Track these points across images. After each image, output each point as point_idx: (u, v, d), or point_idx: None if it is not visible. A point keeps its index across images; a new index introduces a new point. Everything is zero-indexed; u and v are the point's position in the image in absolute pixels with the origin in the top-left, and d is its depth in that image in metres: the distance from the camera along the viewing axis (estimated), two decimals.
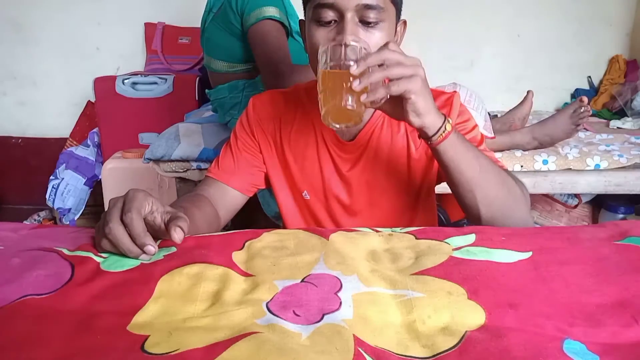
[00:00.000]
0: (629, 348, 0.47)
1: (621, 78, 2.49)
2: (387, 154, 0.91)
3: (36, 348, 0.45)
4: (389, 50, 0.67)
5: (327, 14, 0.76)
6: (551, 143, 1.52)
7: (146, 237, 0.60)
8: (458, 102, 0.91)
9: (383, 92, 0.67)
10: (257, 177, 0.95)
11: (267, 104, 0.95)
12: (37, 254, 0.61)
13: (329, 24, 0.77)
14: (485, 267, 0.59)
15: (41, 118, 2.74)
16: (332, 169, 0.93)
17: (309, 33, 0.79)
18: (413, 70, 0.67)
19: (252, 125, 0.94)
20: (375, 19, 0.76)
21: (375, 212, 0.95)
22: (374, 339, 0.48)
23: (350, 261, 0.60)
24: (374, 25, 0.76)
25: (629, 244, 0.65)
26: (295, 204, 0.97)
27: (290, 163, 0.94)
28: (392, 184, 0.93)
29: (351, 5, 0.74)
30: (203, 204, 0.86)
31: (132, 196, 0.63)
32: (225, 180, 0.91)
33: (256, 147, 0.94)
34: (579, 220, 2.01)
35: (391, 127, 0.91)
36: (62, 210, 2.34)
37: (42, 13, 2.60)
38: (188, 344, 0.45)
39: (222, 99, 1.57)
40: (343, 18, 0.75)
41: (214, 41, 1.51)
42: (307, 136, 0.93)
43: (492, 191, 0.78)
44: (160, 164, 1.60)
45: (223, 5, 1.43)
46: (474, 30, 2.55)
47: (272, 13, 1.37)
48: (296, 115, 0.94)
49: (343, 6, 0.74)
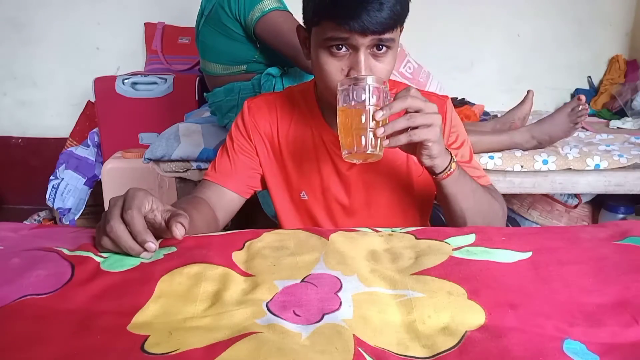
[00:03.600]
0: (629, 348, 0.47)
1: (621, 78, 2.49)
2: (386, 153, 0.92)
3: (36, 348, 0.45)
4: (411, 97, 0.71)
5: (339, 46, 0.77)
6: (550, 142, 1.52)
7: (147, 234, 0.61)
8: (451, 111, 0.94)
9: (404, 139, 0.72)
10: (254, 179, 0.96)
11: (262, 106, 0.95)
12: (37, 254, 0.61)
13: (339, 51, 0.77)
14: (485, 267, 0.59)
15: (41, 118, 2.73)
16: (331, 169, 0.94)
17: (319, 59, 0.79)
18: (432, 120, 0.72)
19: (248, 128, 0.94)
20: (386, 48, 0.77)
21: (373, 212, 0.95)
22: (374, 339, 0.48)
23: (350, 261, 0.60)
24: (385, 52, 0.78)
25: (629, 244, 0.65)
26: (293, 205, 0.98)
27: (288, 164, 0.94)
28: (391, 183, 0.94)
29: (366, 42, 0.75)
30: (201, 207, 0.86)
31: (133, 194, 0.63)
32: (222, 183, 0.92)
33: (252, 150, 0.95)
34: (579, 220, 2.01)
35: None
36: (62, 210, 2.34)
37: (42, 13, 2.60)
38: (188, 344, 0.45)
39: (219, 102, 1.57)
40: (356, 50, 0.76)
41: (208, 44, 1.51)
42: (305, 137, 0.93)
43: (479, 216, 0.85)
44: (160, 164, 1.60)
45: (214, 7, 1.43)
46: (474, 30, 2.55)
47: (272, 4, 1.37)
48: (292, 117, 0.94)
49: (358, 43, 0.75)
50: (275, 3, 1.38)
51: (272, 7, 1.37)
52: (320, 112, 0.93)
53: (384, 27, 0.74)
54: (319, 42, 0.78)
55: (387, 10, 0.72)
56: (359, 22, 0.72)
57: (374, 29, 0.73)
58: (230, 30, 1.43)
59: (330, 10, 0.74)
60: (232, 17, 1.40)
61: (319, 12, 0.76)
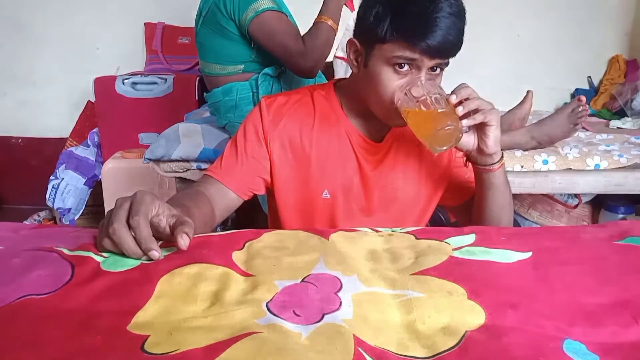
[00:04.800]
0: (629, 348, 0.47)
1: (621, 78, 2.49)
2: (410, 156, 0.96)
3: (36, 348, 0.45)
4: (468, 86, 0.80)
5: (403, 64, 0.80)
6: (550, 142, 1.52)
7: (152, 242, 0.60)
8: None
9: (480, 117, 0.80)
10: (258, 183, 0.95)
11: (283, 106, 0.94)
12: (37, 254, 0.61)
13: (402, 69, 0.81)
14: (486, 267, 0.59)
15: (41, 118, 2.74)
16: (355, 169, 0.95)
17: (381, 74, 0.82)
18: (491, 105, 0.81)
19: (266, 128, 0.92)
20: (440, 69, 0.83)
21: (390, 213, 0.98)
22: (374, 339, 0.48)
23: (351, 261, 0.60)
24: (439, 73, 0.84)
25: (629, 244, 0.65)
26: (311, 205, 0.97)
27: (312, 162, 0.94)
28: (411, 184, 0.97)
29: (431, 63, 0.80)
30: (202, 203, 0.85)
31: (141, 199, 0.62)
32: (226, 183, 0.91)
33: (265, 155, 0.93)
34: (579, 220, 2.01)
35: None
36: (62, 210, 2.34)
37: (42, 13, 2.60)
38: (188, 344, 0.45)
39: (217, 102, 1.58)
40: (419, 70, 0.81)
41: (206, 44, 1.52)
42: (330, 135, 0.94)
43: (509, 212, 0.93)
44: (160, 164, 1.60)
45: (211, 7, 1.44)
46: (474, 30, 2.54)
47: (266, 4, 1.38)
48: (316, 116, 0.94)
49: (424, 64, 0.80)
50: (269, 3, 1.39)
51: (266, 7, 1.37)
52: (344, 114, 0.94)
53: (453, 52, 0.80)
54: (384, 59, 0.81)
55: (456, 35, 0.78)
56: (433, 46, 0.76)
57: (445, 53, 0.79)
58: (226, 30, 1.43)
59: (405, 31, 0.78)
60: (228, 16, 1.41)
61: (392, 31, 0.79)
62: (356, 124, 0.94)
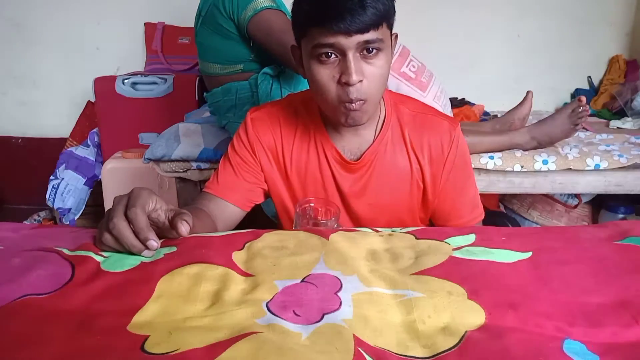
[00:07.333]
0: (629, 348, 0.47)
1: (621, 78, 2.49)
2: (389, 174, 0.93)
3: (36, 348, 0.45)
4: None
5: (328, 53, 0.76)
6: (550, 143, 1.52)
7: (149, 231, 0.61)
8: (459, 138, 0.92)
9: None
10: (256, 193, 0.95)
11: (265, 119, 0.94)
12: (37, 254, 0.61)
13: (329, 58, 0.77)
14: (486, 267, 0.59)
15: (41, 118, 2.73)
16: (333, 187, 0.94)
17: (311, 70, 0.79)
18: None
19: (252, 142, 0.93)
20: (376, 50, 0.77)
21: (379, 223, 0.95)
22: (374, 339, 0.48)
23: (351, 261, 0.60)
24: (375, 54, 0.77)
25: (629, 244, 0.65)
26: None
27: (293, 179, 0.94)
28: (393, 203, 0.94)
29: (352, 44, 0.74)
30: (203, 216, 0.85)
31: (137, 193, 0.64)
32: (224, 197, 0.91)
33: (256, 165, 0.94)
34: (579, 220, 2.01)
35: (394, 147, 0.92)
36: (62, 210, 2.34)
37: (42, 13, 2.59)
38: (188, 344, 0.45)
39: (217, 102, 1.58)
40: (345, 55, 0.76)
41: (205, 44, 1.52)
42: (309, 153, 0.93)
43: None
44: (160, 164, 1.60)
45: (210, 7, 1.44)
46: (474, 30, 2.55)
47: (265, 3, 1.37)
48: (297, 131, 0.93)
49: (344, 46, 0.75)
50: (268, 2, 1.38)
51: (265, 6, 1.37)
52: (322, 123, 0.92)
53: (367, 26, 0.73)
54: (309, 52, 0.78)
55: (369, 8, 0.72)
56: (342, 23, 0.72)
57: (357, 27, 0.73)
58: (225, 29, 1.43)
59: (313, 16, 0.75)
60: (227, 16, 1.41)
61: (304, 21, 0.77)
62: (333, 137, 0.92)
